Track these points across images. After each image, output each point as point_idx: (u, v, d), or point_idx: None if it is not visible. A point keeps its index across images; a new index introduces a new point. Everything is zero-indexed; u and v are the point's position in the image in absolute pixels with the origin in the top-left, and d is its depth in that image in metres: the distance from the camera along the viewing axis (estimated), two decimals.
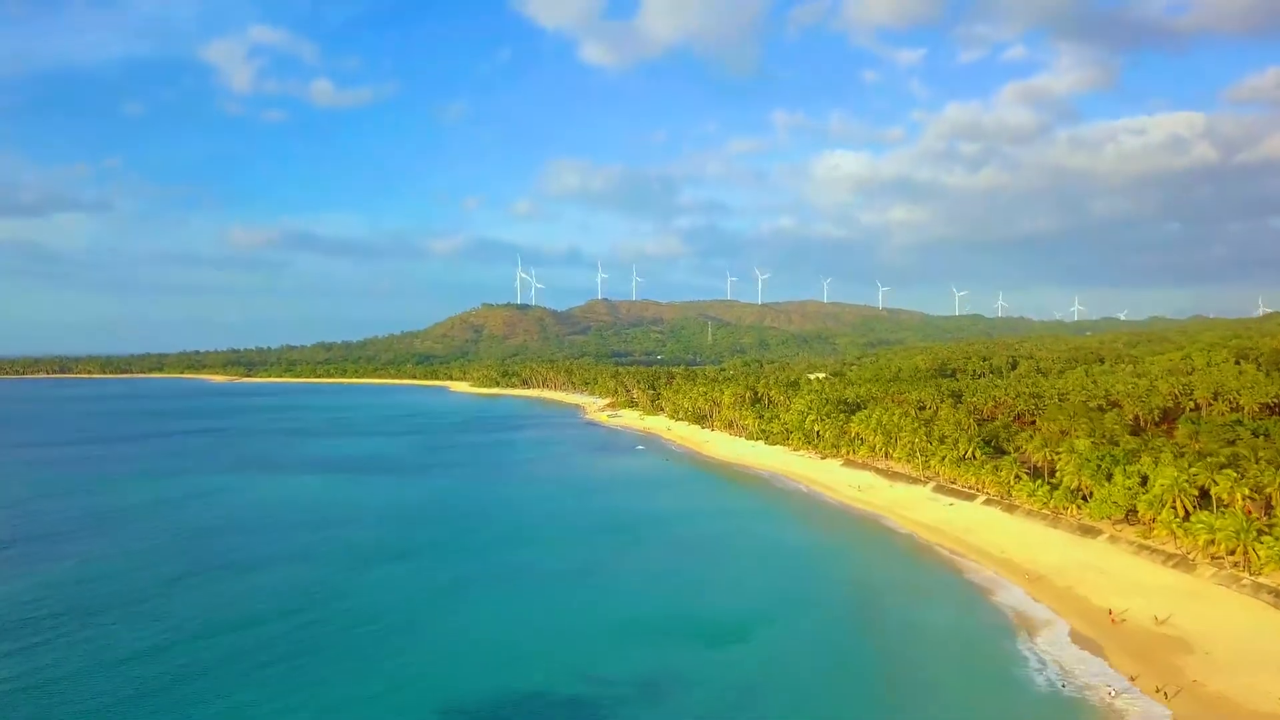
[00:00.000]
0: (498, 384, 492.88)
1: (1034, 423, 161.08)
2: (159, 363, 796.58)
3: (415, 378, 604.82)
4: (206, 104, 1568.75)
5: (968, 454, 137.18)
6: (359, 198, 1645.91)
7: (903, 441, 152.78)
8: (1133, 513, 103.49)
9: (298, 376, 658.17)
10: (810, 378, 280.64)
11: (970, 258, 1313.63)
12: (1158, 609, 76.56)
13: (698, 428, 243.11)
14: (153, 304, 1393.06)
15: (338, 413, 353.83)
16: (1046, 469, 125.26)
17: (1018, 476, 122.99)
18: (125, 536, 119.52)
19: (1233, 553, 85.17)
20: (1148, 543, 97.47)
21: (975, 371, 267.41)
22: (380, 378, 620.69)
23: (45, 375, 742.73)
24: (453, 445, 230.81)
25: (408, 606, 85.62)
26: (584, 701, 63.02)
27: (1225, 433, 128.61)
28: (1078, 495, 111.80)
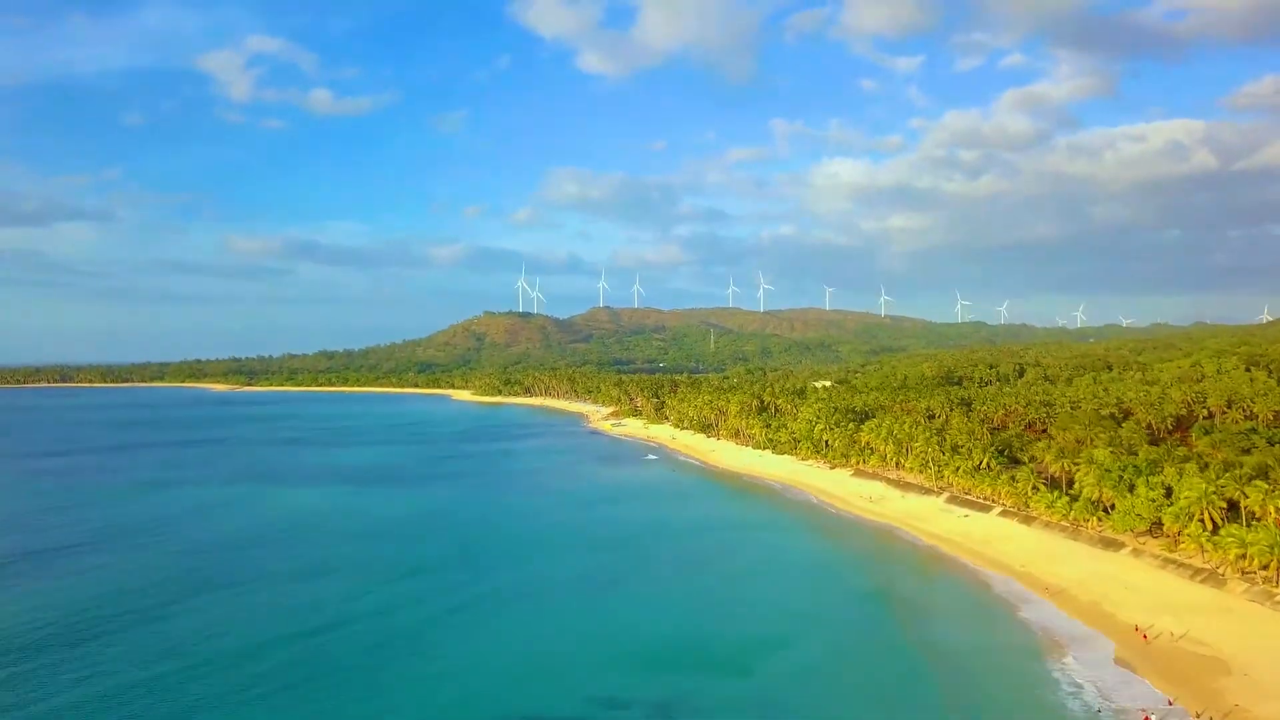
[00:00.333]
0: (500, 392, 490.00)
1: (1046, 431, 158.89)
2: (160, 372, 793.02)
3: (417, 386, 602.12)
4: (206, 113, 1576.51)
5: (983, 464, 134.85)
6: (360, 206, 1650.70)
7: (915, 451, 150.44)
8: (1157, 525, 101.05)
9: (299, 385, 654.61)
10: (816, 385, 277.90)
11: (971, 265, 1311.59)
12: (1189, 626, 74.08)
13: (703, 436, 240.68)
14: (154, 313, 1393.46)
15: (339, 422, 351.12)
16: (1064, 479, 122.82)
17: (1036, 488, 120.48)
18: (125, 552, 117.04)
19: (1266, 567, 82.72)
20: (1174, 556, 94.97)
21: (982, 379, 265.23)
22: (382, 386, 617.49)
23: (46, 384, 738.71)
24: (456, 455, 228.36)
25: (415, 629, 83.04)
26: None
27: (1241, 441, 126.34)
28: (1099, 507, 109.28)
